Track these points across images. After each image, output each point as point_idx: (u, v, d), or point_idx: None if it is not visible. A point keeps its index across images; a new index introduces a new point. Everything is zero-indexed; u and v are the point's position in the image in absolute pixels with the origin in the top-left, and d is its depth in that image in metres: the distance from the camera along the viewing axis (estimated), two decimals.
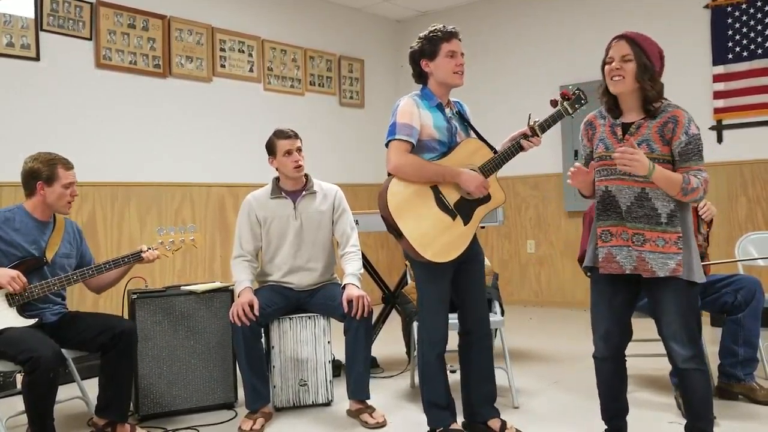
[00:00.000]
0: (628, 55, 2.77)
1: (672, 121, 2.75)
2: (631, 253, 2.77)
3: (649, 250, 2.73)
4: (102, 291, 3.81)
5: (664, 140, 2.75)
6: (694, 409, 2.83)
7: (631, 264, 2.77)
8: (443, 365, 3.34)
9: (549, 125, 3.25)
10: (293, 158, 3.95)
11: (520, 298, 7.59)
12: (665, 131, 2.75)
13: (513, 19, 7.64)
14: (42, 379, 3.08)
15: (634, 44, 2.78)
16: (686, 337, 2.75)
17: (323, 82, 7.53)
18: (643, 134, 2.78)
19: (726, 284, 3.82)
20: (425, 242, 3.10)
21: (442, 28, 3.28)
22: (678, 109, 2.79)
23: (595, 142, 2.93)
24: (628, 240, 2.78)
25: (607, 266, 2.83)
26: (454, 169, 3.19)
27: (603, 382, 3.01)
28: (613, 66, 2.79)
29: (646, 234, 2.75)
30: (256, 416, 3.72)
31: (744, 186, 6.20)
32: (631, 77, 2.76)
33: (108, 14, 5.63)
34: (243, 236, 4.02)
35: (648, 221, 2.74)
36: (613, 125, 2.88)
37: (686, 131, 2.74)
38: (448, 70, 3.25)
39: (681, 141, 2.74)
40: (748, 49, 6.13)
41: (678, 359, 2.77)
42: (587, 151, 3.00)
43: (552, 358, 5.04)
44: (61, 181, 3.51)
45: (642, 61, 2.76)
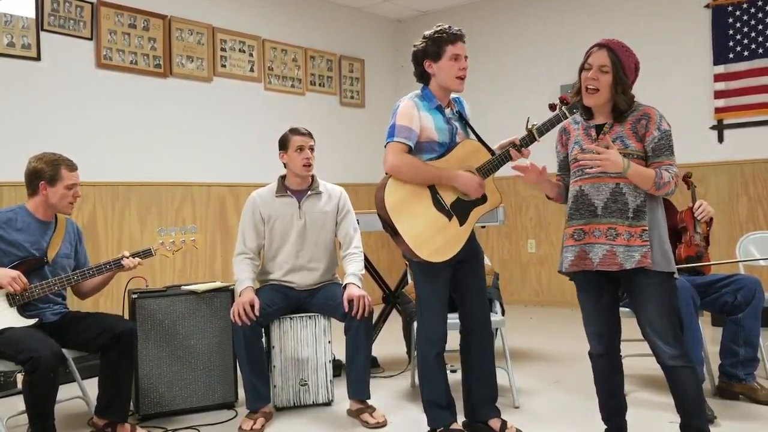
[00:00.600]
0: (605, 66, 2.82)
1: (645, 118, 2.84)
2: (602, 248, 2.82)
3: (619, 244, 2.79)
4: (85, 297, 3.78)
5: (637, 136, 2.84)
6: (686, 407, 2.85)
7: (598, 258, 2.82)
8: (443, 364, 3.34)
9: (547, 129, 3.24)
10: (304, 155, 3.95)
11: (521, 297, 7.59)
12: (638, 127, 2.84)
13: (513, 18, 7.63)
14: (42, 379, 3.08)
15: (613, 55, 2.82)
16: (670, 333, 2.79)
17: (324, 82, 7.53)
18: (617, 131, 2.86)
19: (726, 284, 3.82)
20: (420, 242, 3.10)
21: (447, 29, 3.25)
22: (648, 107, 2.89)
23: (570, 145, 3.01)
24: (600, 236, 2.83)
25: (579, 263, 2.88)
26: (451, 171, 3.19)
27: (600, 378, 3.04)
28: (589, 76, 2.84)
29: (618, 228, 2.81)
30: (256, 416, 3.72)
31: (745, 185, 6.20)
32: (606, 88, 2.83)
33: (109, 14, 5.64)
34: (246, 233, 4.02)
35: (620, 215, 2.81)
36: (587, 127, 2.95)
37: (658, 127, 2.82)
38: (451, 74, 3.24)
39: (654, 137, 2.82)
40: (749, 49, 6.13)
41: (664, 357, 2.81)
42: (561, 157, 3.11)
43: (552, 357, 5.04)
44: (64, 181, 3.51)
45: (618, 74, 2.82)
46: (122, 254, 3.61)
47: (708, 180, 6.29)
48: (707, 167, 6.27)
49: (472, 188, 3.19)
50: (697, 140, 6.21)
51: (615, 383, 3.05)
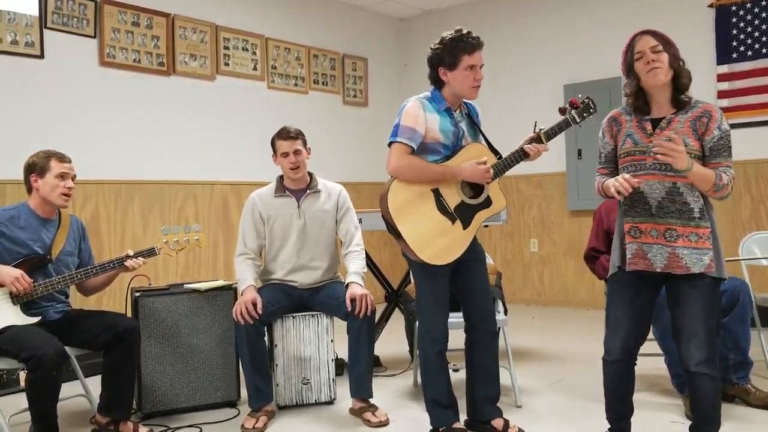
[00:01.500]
0: (657, 46, 2.73)
1: (706, 116, 2.73)
2: (662, 250, 2.71)
3: (683, 246, 2.69)
4: (89, 294, 3.79)
5: (696, 134, 2.72)
6: (701, 412, 2.79)
7: (663, 261, 2.71)
8: (444, 363, 3.34)
9: (555, 133, 3.22)
10: (289, 160, 3.94)
11: (523, 297, 7.59)
12: (698, 125, 2.72)
13: (515, 18, 7.62)
14: (45, 377, 3.09)
15: (657, 36, 2.75)
16: (705, 340, 2.69)
17: (327, 80, 7.53)
18: (675, 128, 2.73)
19: None
20: (423, 244, 3.11)
21: (465, 37, 3.18)
22: (710, 105, 2.78)
23: (621, 138, 2.86)
24: (658, 236, 2.72)
25: (639, 262, 2.77)
26: (454, 167, 3.18)
27: (611, 383, 2.95)
28: (648, 58, 2.72)
29: (678, 229, 2.69)
30: (258, 414, 3.72)
31: (748, 185, 6.19)
32: (666, 66, 2.72)
33: (112, 12, 5.64)
34: (247, 234, 4.02)
35: (680, 216, 2.69)
36: (642, 120, 2.82)
37: (719, 126, 2.71)
38: (466, 84, 3.20)
39: (714, 136, 2.71)
40: (753, 49, 6.12)
41: (691, 362, 2.71)
42: (609, 148, 2.93)
43: (555, 357, 5.04)
44: (53, 171, 3.48)
45: (671, 50, 2.74)
46: (126, 253, 3.62)
47: None
48: None
49: (480, 175, 3.16)
50: None
51: (626, 389, 2.96)
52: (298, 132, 4.00)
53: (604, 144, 2.96)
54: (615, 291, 2.92)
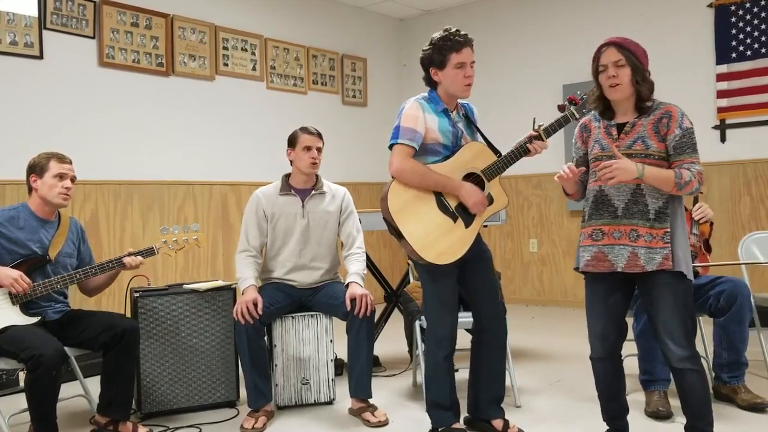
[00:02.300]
0: (620, 60, 2.81)
1: (666, 116, 2.82)
2: (624, 250, 2.79)
3: (640, 245, 2.77)
4: (92, 294, 3.80)
5: (659, 136, 2.81)
6: (692, 409, 2.84)
7: (623, 261, 2.80)
8: (451, 368, 3.33)
9: (555, 130, 3.24)
10: (311, 154, 3.96)
11: (523, 297, 7.59)
12: (660, 126, 2.81)
13: (515, 17, 7.62)
14: (44, 377, 3.09)
15: (622, 49, 2.82)
16: (682, 336, 2.77)
17: (326, 80, 7.53)
18: (638, 131, 2.83)
19: (711, 287, 3.78)
20: (426, 244, 3.10)
21: (452, 36, 3.20)
22: (670, 105, 2.86)
23: (590, 144, 2.97)
24: (621, 237, 2.80)
25: (598, 265, 2.86)
26: (455, 182, 3.18)
27: (601, 382, 3.03)
28: (609, 74, 2.82)
29: (639, 230, 2.78)
30: (258, 414, 3.72)
31: (747, 185, 6.19)
32: (627, 81, 2.81)
33: (111, 13, 5.64)
34: (250, 231, 4.02)
35: (641, 217, 2.79)
36: (608, 126, 2.92)
37: (680, 125, 2.80)
38: (457, 82, 3.21)
39: (676, 135, 2.80)
40: (752, 48, 6.12)
41: (673, 358, 2.79)
42: (580, 154, 3.06)
43: (554, 357, 5.04)
44: (51, 171, 3.49)
45: (634, 64, 2.81)
46: (127, 252, 3.62)
47: (710, 180, 6.28)
48: (709, 167, 6.25)
49: (474, 202, 3.17)
50: (700, 140, 5.97)
51: (617, 386, 3.03)
52: (321, 133, 4.06)
53: (576, 149, 3.09)
54: (590, 290, 2.99)
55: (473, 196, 3.17)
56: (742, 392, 3.71)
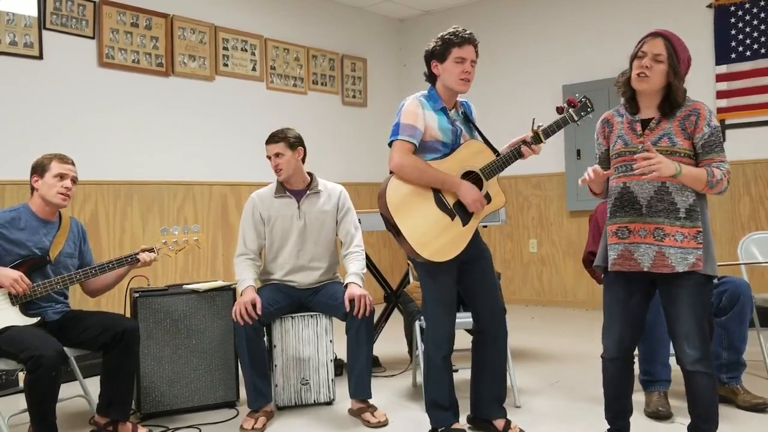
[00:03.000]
0: (660, 55, 2.72)
1: (694, 114, 2.74)
2: (650, 249, 2.73)
3: (669, 245, 2.70)
4: (96, 295, 3.79)
5: (685, 133, 2.74)
6: (698, 411, 2.80)
7: (649, 261, 2.73)
8: (449, 368, 3.33)
9: (553, 131, 3.24)
10: (272, 163, 3.99)
11: (522, 297, 7.60)
12: (687, 124, 2.74)
13: (515, 18, 7.63)
14: (44, 378, 3.08)
15: (669, 44, 2.74)
16: (699, 338, 2.71)
17: (326, 80, 7.53)
18: (664, 128, 2.76)
19: (714, 287, 3.79)
20: (423, 241, 3.11)
21: (458, 32, 3.22)
22: (698, 102, 2.79)
23: (613, 139, 2.90)
24: (647, 236, 2.74)
25: (624, 263, 2.79)
26: (455, 179, 3.19)
27: (610, 382, 2.98)
28: (643, 63, 2.73)
29: (665, 228, 2.71)
30: (257, 415, 3.72)
31: (747, 185, 6.20)
32: (659, 77, 2.73)
33: (111, 13, 5.64)
34: (247, 234, 4.02)
35: (668, 215, 2.71)
36: (632, 121, 2.85)
37: (708, 123, 2.73)
38: (454, 75, 3.22)
39: (704, 133, 2.72)
40: (752, 49, 6.12)
41: (687, 361, 2.74)
42: (602, 149, 2.98)
43: (554, 357, 5.04)
44: (52, 171, 3.49)
45: (673, 64, 2.73)
46: (140, 248, 3.63)
47: None
48: None
49: (472, 201, 3.17)
50: None
51: (625, 387, 2.99)
52: (283, 135, 3.99)
53: (598, 145, 3.01)
54: (609, 290, 2.94)
55: (471, 194, 3.17)
56: (741, 393, 3.71)
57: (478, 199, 3.18)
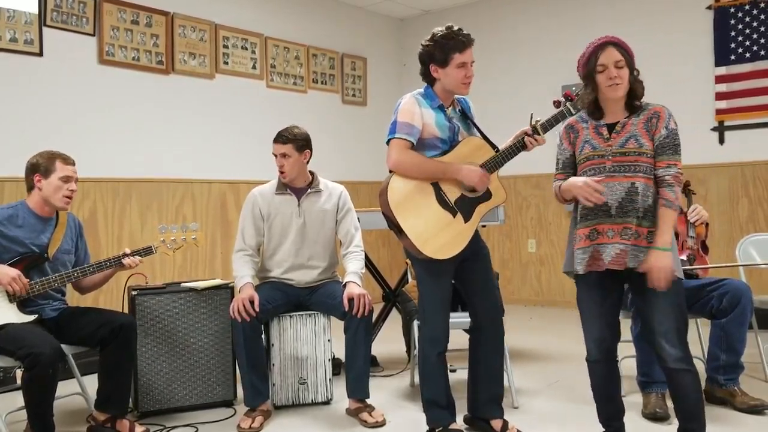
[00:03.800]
0: (620, 61, 2.81)
1: (655, 117, 2.85)
2: (614, 247, 2.80)
3: (630, 243, 2.79)
4: (86, 291, 3.79)
5: (649, 134, 2.84)
6: (685, 410, 2.85)
7: (609, 257, 2.80)
8: (444, 365, 3.34)
9: (551, 125, 3.25)
10: (277, 162, 3.98)
11: (521, 297, 7.60)
12: (650, 126, 2.84)
13: (515, 18, 7.63)
14: (42, 375, 3.09)
15: (621, 48, 2.84)
16: (675, 335, 2.78)
17: (326, 79, 7.53)
18: (630, 131, 2.85)
19: (714, 288, 3.78)
20: (425, 239, 3.11)
21: (456, 34, 3.20)
22: (658, 106, 2.89)
23: (579, 144, 2.96)
24: (614, 236, 2.81)
25: (593, 264, 2.86)
26: (454, 165, 3.19)
27: (597, 384, 3.03)
28: (611, 74, 2.81)
29: (632, 228, 2.79)
30: (255, 414, 3.72)
31: (745, 187, 6.20)
32: (626, 82, 2.83)
33: (111, 10, 5.64)
34: (246, 230, 4.02)
35: (634, 215, 2.79)
36: (597, 126, 2.92)
37: (666, 125, 2.83)
38: (457, 80, 3.22)
39: (661, 134, 2.83)
40: (751, 51, 6.12)
41: (668, 359, 2.79)
42: (567, 155, 3.03)
43: (552, 358, 5.04)
44: (58, 173, 3.49)
45: (630, 64, 2.84)
46: (123, 252, 3.62)
47: (708, 181, 6.29)
48: (708, 169, 6.27)
49: (477, 180, 3.18)
50: (698, 142, 6.20)
51: (612, 388, 3.03)
52: (293, 135, 3.97)
53: (562, 150, 3.06)
54: (584, 293, 2.99)
55: (474, 175, 3.18)
56: (739, 395, 3.71)
57: (483, 177, 3.19)
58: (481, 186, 3.21)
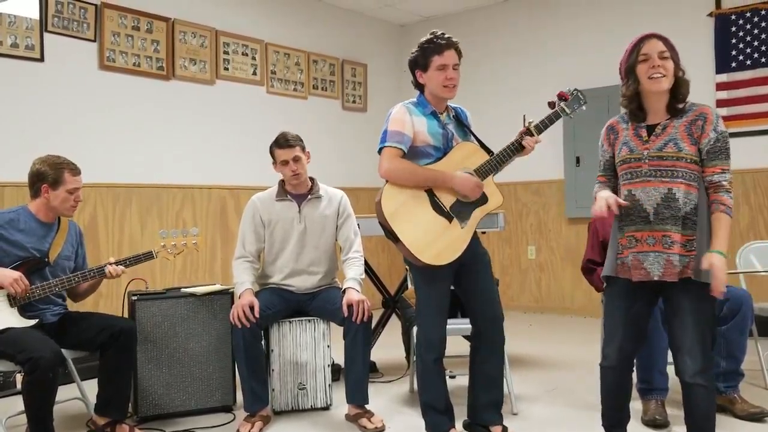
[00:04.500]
0: (665, 52, 2.70)
1: (701, 119, 2.70)
2: (659, 257, 2.69)
3: (675, 253, 2.67)
4: (80, 299, 3.80)
5: (692, 139, 2.70)
6: (695, 424, 2.76)
7: (659, 270, 2.68)
8: (441, 370, 3.33)
9: (546, 126, 3.24)
10: (290, 168, 3.95)
11: (521, 303, 7.59)
12: (693, 129, 2.70)
13: (514, 24, 7.64)
14: (42, 380, 3.09)
15: (665, 41, 2.73)
16: (700, 350, 2.67)
17: (326, 85, 7.54)
18: (670, 133, 2.72)
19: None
20: (422, 246, 3.10)
21: (435, 38, 3.23)
22: (705, 107, 2.75)
23: (618, 146, 2.86)
24: (655, 244, 2.70)
25: (636, 273, 2.74)
26: (446, 173, 3.18)
27: (608, 390, 2.95)
28: (655, 63, 2.68)
29: (672, 236, 2.67)
30: (254, 419, 3.72)
31: (746, 195, 6.20)
32: (671, 73, 2.70)
33: (112, 16, 5.65)
34: (246, 237, 4.02)
35: (673, 222, 2.67)
36: (638, 128, 2.81)
37: (715, 128, 2.68)
38: (438, 83, 3.23)
39: (710, 138, 2.68)
40: (752, 58, 6.14)
41: (687, 373, 2.70)
42: (607, 156, 2.93)
43: (552, 364, 5.04)
44: (66, 185, 3.52)
45: (675, 58, 2.72)
46: (107, 262, 3.62)
47: None
48: None
49: (470, 189, 3.18)
50: None
51: (623, 396, 2.96)
52: (296, 138, 3.99)
53: (602, 152, 2.96)
54: (611, 300, 2.92)
55: (467, 182, 3.17)
56: (738, 402, 3.70)
57: (475, 186, 3.18)
58: (473, 195, 3.20)
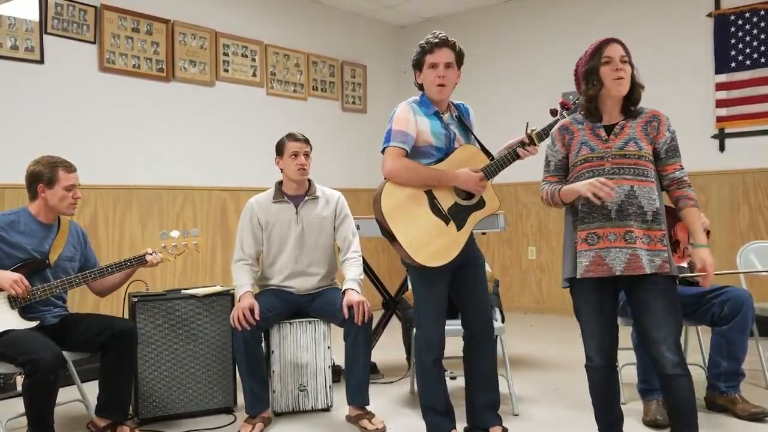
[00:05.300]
0: (624, 57, 2.82)
1: (655, 120, 2.86)
2: (621, 252, 2.76)
3: (639, 247, 2.75)
4: (105, 294, 3.83)
5: (648, 138, 2.84)
6: (681, 416, 2.79)
7: (622, 264, 2.75)
8: (441, 370, 3.33)
9: (547, 134, 3.25)
10: (299, 160, 3.96)
11: (521, 304, 7.59)
12: (649, 129, 2.85)
13: (514, 26, 7.64)
14: (42, 382, 3.09)
15: (625, 47, 2.85)
16: (674, 341, 2.77)
17: (326, 87, 7.54)
18: (628, 133, 2.84)
19: (716, 296, 3.76)
20: (417, 246, 3.11)
21: (430, 38, 3.25)
22: (655, 110, 2.91)
23: (575, 146, 2.92)
24: (617, 239, 2.77)
25: (597, 269, 2.80)
26: (449, 172, 3.19)
27: (596, 391, 2.99)
28: (618, 67, 2.79)
29: (635, 231, 2.76)
30: (255, 421, 3.72)
31: (746, 195, 6.20)
32: (629, 78, 2.82)
33: (112, 18, 5.65)
34: (244, 240, 4.03)
35: (635, 219, 2.76)
36: (594, 127, 2.90)
37: (668, 128, 2.86)
38: (430, 82, 3.25)
39: (666, 138, 2.85)
40: (751, 58, 6.14)
41: (667, 365, 2.76)
42: (559, 157, 2.99)
43: (552, 365, 5.04)
44: (61, 183, 3.51)
45: (632, 63, 2.84)
46: (145, 251, 3.64)
47: (709, 189, 6.30)
48: (708, 176, 6.27)
49: (474, 185, 3.19)
50: (699, 149, 6.20)
51: (611, 395, 2.99)
52: (307, 138, 4.05)
53: (554, 153, 3.01)
54: (582, 299, 2.97)
55: (471, 179, 3.19)
56: (739, 402, 3.70)
57: (478, 181, 3.20)
58: (477, 191, 3.21)
